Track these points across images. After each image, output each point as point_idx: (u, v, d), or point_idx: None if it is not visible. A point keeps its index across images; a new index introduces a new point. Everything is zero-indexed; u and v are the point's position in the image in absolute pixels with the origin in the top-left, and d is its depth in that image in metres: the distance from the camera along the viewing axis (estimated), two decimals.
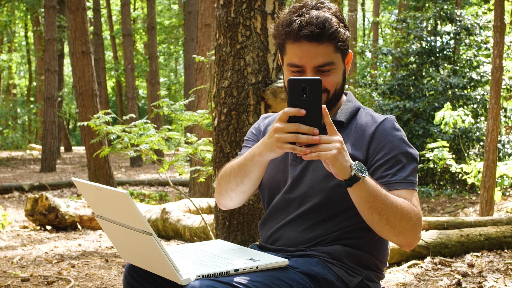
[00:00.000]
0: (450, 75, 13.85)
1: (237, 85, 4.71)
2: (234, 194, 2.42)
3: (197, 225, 7.03)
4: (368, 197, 2.14)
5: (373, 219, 2.18)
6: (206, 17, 11.90)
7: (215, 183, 2.56)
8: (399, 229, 2.18)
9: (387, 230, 2.19)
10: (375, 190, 2.14)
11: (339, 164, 2.07)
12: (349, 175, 2.09)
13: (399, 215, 2.16)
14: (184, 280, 2.02)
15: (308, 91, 2.05)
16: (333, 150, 2.05)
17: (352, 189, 2.13)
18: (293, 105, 2.06)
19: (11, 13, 27.93)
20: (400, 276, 5.20)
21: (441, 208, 10.77)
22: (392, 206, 2.15)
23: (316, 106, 2.05)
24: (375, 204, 2.14)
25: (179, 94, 34.13)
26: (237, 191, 2.40)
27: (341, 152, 2.06)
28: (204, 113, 6.89)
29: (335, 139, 2.07)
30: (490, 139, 8.83)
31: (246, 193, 2.40)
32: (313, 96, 2.05)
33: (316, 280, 2.22)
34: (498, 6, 8.82)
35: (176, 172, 13.92)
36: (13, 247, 7.19)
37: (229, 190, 2.41)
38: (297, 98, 2.06)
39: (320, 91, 2.05)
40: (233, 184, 2.39)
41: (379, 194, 2.14)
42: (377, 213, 2.15)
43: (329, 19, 2.26)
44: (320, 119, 2.06)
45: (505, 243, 6.24)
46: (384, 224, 2.17)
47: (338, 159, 2.06)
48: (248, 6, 4.71)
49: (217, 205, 4.91)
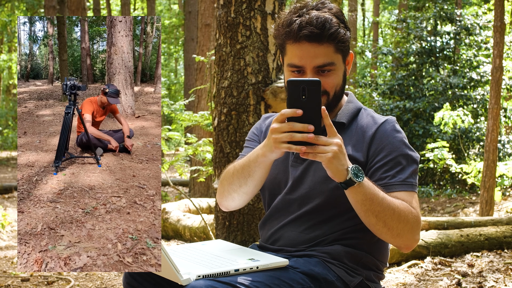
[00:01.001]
0: (450, 75, 13.85)
1: (237, 85, 4.71)
2: (236, 195, 2.41)
3: (197, 225, 7.03)
4: (365, 200, 2.14)
5: (370, 221, 2.18)
6: (206, 17, 11.90)
7: (216, 183, 2.56)
8: (396, 232, 2.18)
9: (385, 233, 2.19)
10: (372, 193, 2.13)
11: (334, 167, 2.07)
12: (344, 178, 2.09)
13: (396, 217, 2.16)
14: (184, 280, 2.02)
15: (307, 93, 2.05)
16: (329, 153, 2.05)
17: (348, 191, 2.14)
18: (292, 106, 2.06)
19: (11, 13, 27.94)
20: (400, 276, 5.20)
21: (441, 208, 10.78)
22: (389, 209, 2.15)
23: (315, 107, 2.05)
24: (372, 207, 2.14)
25: (179, 94, 34.10)
26: (240, 192, 2.39)
27: (337, 156, 2.06)
28: (204, 114, 6.89)
29: (334, 141, 2.06)
30: (490, 139, 8.83)
31: (248, 194, 2.40)
32: (312, 97, 2.05)
33: (316, 280, 2.22)
34: (498, 6, 8.83)
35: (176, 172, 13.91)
36: (13, 247, 7.19)
37: (232, 191, 2.41)
38: (296, 99, 2.06)
39: (319, 92, 2.05)
40: (236, 185, 2.38)
41: (376, 197, 2.14)
42: (374, 216, 2.15)
43: (329, 19, 2.26)
44: (320, 121, 2.06)
45: (505, 243, 6.24)
46: (381, 227, 2.17)
47: (333, 162, 2.06)
48: (248, 6, 4.71)
49: (217, 205, 4.92)
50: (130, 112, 10.02)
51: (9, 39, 29.55)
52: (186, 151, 6.86)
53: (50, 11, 18.00)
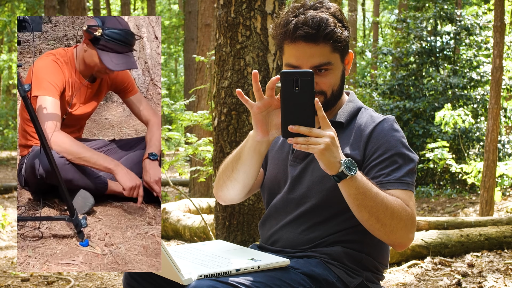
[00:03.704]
0: (450, 75, 13.85)
1: (237, 85, 4.71)
2: (230, 183, 2.43)
3: (197, 225, 7.03)
4: (357, 194, 2.13)
5: (362, 216, 2.17)
6: (206, 17, 11.90)
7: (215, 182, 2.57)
8: (389, 228, 2.18)
9: (378, 229, 2.19)
10: (365, 188, 2.13)
11: (326, 159, 2.07)
12: (336, 171, 2.09)
13: (390, 214, 2.16)
14: (185, 280, 2.02)
15: (300, 84, 2.06)
16: (321, 145, 2.05)
17: (340, 185, 2.14)
18: (285, 98, 2.08)
19: (11, 13, 27.94)
20: (400, 276, 5.20)
21: (441, 208, 10.77)
22: (383, 204, 2.15)
23: (309, 98, 2.07)
24: (364, 202, 2.14)
25: (179, 94, 34.10)
26: (232, 179, 2.41)
27: (329, 148, 2.07)
28: (204, 114, 6.89)
29: (326, 133, 2.07)
30: (490, 139, 8.83)
31: (240, 182, 2.40)
32: (305, 88, 2.06)
33: (316, 281, 2.22)
34: (498, 6, 8.83)
35: (176, 172, 13.92)
36: (13, 247, 7.19)
37: (226, 178, 2.43)
38: (289, 90, 2.07)
39: (312, 84, 2.06)
40: (229, 172, 2.41)
41: (369, 191, 2.14)
42: (367, 211, 2.15)
43: (325, 19, 2.25)
44: (313, 112, 2.07)
45: (505, 243, 6.24)
46: (374, 223, 2.17)
47: (325, 154, 2.06)
48: (248, 6, 4.71)
49: (217, 205, 4.92)
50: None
51: (9, 39, 29.53)
52: (186, 151, 6.85)
53: (50, 11, 18.00)
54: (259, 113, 2.21)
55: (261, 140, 2.25)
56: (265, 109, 2.20)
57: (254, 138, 2.26)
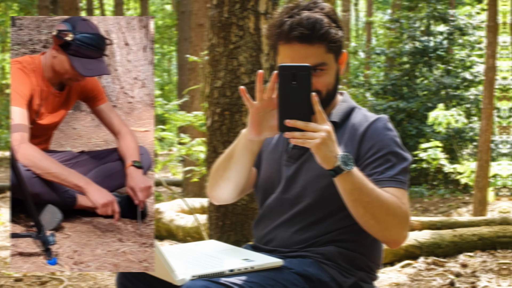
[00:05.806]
0: (444, 75, 13.87)
1: (230, 85, 4.70)
2: (222, 182, 2.43)
3: (190, 225, 7.03)
4: (353, 190, 2.14)
5: (358, 212, 2.18)
6: (200, 17, 11.88)
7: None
8: (384, 225, 2.18)
9: (372, 225, 2.19)
10: (361, 183, 2.14)
11: (322, 154, 2.08)
12: (333, 165, 2.10)
13: (385, 210, 2.16)
14: (179, 281, 2.02)
15: (297, 78, 2.07)
16: (318, 139, 2.06)
17: (337, 180, 2.14)
18: (282, 92, 2.09)
19: (4, 13, 27.87)
20: (393, 276, 5.20)
21: (434, 208, 10.79)
22: (378, 200, 2.15)
23: (306, 93, 2.07)
24: (360, 197, 2.14)
25: (172, 94, 34.08)
26: (225, 178, 2.41)
27: (326, 142, 2.07)
28: (197, 114, 6.89)
29: (323, 128, 2.08)
30: (483, 139, 8.85)
31: (232, 181, 2.40)
32: (302, 83, 2.07)
33: (310, 281, 2.22)
34: (491, 6, 8.84)
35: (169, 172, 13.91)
36: (6, 247, 7.17)
37: (218, 177, 2.43)
38: (286, 84, 2.08)
39: (309, 78, 2.07)
40: (222, 170, 2.41)
41: (365, 187, 2.14)
42: (362, 207, 2.15)
43: (319, 20, 2.26)
44: (310, 106, 2.07)
45: (498, 243, 6.24)
46: (369, 219, 2.17)
47: (321, 148, 2.07)
48: (242, 6, 4.70)
49: (210, 205, 4.91)
50: (148, 102, 5.39)
51: (2, 39, 29.45)
52: (180, 151, 6.85)
53: (43, 11, 17.96)
54: (257, 113, 2.23)
55: (253, 139, 2.26)
56: (264, 110, 2.22)
57: (246, 137, 2.27)
